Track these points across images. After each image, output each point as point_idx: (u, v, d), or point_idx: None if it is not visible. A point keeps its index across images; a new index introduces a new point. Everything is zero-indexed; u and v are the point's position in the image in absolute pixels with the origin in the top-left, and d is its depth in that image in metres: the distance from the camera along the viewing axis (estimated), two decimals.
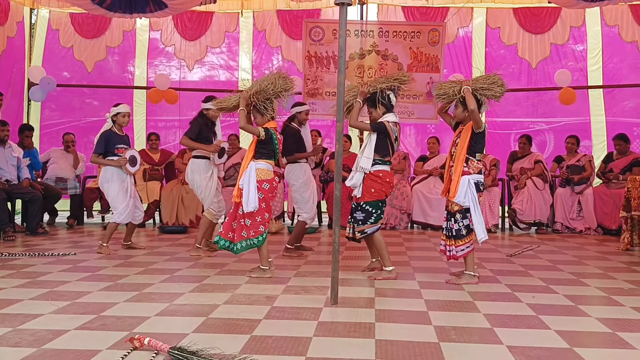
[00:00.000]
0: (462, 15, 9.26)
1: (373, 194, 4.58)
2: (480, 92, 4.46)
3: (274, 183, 4.68)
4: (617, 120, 8.89)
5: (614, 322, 3.39)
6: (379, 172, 4.58)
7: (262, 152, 4.66)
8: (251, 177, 4.55)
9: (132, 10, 7.62)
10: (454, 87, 4.54)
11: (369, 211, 4.59)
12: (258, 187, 4.54)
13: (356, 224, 4.64)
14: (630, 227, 6.16)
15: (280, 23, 9.56)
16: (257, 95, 4.62)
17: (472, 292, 4.14)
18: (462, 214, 4.46)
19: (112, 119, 5.86)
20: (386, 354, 2.80)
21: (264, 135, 4.60)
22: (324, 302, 3.79)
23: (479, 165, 4.48)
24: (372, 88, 4.63)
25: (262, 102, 4.63)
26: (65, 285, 4.28)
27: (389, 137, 4.56)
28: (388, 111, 4.63)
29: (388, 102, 4.64)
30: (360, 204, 4.61)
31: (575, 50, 9.17)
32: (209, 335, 3.07)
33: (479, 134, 4.45)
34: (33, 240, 6.69)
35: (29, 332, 3.11)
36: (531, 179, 7.84)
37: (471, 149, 4.46)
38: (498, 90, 4.50)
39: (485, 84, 4.49)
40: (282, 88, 4.66)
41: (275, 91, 4.63)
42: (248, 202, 4.49)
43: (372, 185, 4.57)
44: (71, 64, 9.72)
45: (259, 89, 4.62)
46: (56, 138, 9.23)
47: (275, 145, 4.70)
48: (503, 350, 2.88)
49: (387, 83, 4.67)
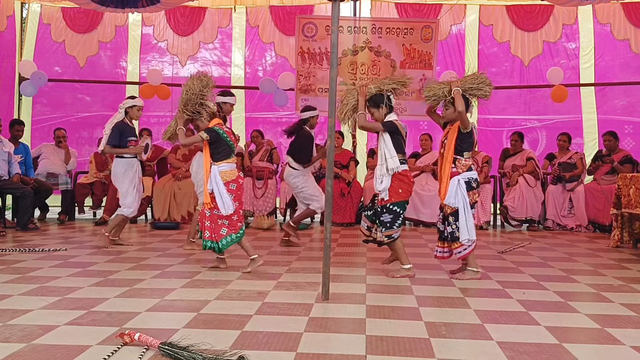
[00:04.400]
0: (455, 12, 9.26)
1: (400, 194, 4.52)
2: (470, 92, 4.51)
3: (240, 181, 4.76)
4: (608, 118, 8.93)
5: (603, 318, 3.41)
6: (406, 172, 4.55)
7: (218, 153, 4.69)
8: (217, 181, 4.61)
9: (124, 5, 7.58)
10: (444, 88, 4.57)
11: (397, 212, 4.52)
12: (226, 189, 4.61)
13: (384, 228, 4.52)
14: (621, 225, 6.20)
15: (273, 19, 9.54)
16: (186, 107, 4.75)
17: (463, 289, 4.16)
18: (454, 216, 4.48)
19: (125, 110, 5.84)
20: (377, 350, 2.80)
21: (208, 137, 4.65)
22: (315, 298, 3.79)
23: (467, 163, 4.51)
24: (376, 89, 4.60)
25: (195, 110, 4.75)
26: (56, 281, 4.26)
27: (401, 135, 4.56)
28: (390, 112, 4.63)
29: (390, 103, 4.64)
30: (387, 205, 4.51)
31: (568, 48, 9.20)
32: (200, 331, 3.07)
33: (465, 134, 4.50)
34: (24, 236, 6.66)
35: (18, 328, 3.10)
36: (523, 176, 7.87)
37: (458, 149, 4.51)
38: (487, 89, 4.56)
39: (474, 83, 4.54)
40: (202, 87, 4.76)
41: (198, 94, 4.74)
42: (225, 207, 4.58)
43: (400, 185, 4.51)
44: (63, 58, 9.65)
45: (186, 101, 4.75)
46: (47, 133, 9.18)
47: (227, 141, 4.72)
48: (493, 345, 2.90)
49: (392, 85, 4.66)
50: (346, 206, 7.94)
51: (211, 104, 4.88)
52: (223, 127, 4.76)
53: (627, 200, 6.09)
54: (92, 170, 8.36)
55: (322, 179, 7.86)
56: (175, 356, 2.65)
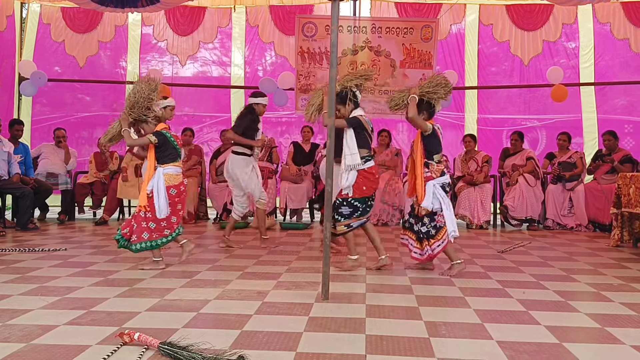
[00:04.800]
0: (455, 11, 9.26)
1: (364, 191, 4.64)
2: (428, 96, 4.64)
3: (181, 188, 4.78)
4: (608, 118, 8.93)
5: (603, 318, 3.41)
6: (371, 169, 4.66)
7: (165, 156, 4.71)
8: (160, 183, 4.63)
9: (123, 5, 7.58)
10: (404, 96, 4.72)
11: (357, 206, 4.65)
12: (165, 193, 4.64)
13: (342, 218, 4.64)
14: (621, 224, 6.20)
15: (273, 19, 9.54)
16: (133, 110, 4.76)
17: (463, 288, 4.15)
18: (429, 217, 4.59)
19: None
20: (376, 349, 2.80)
21: (156, 140, 4.68)
22: (314, 298, 3.79)
23: (440, 167, 4.64)
24: (340, 87, 4.70)
25: (142, 113, 4.77)
26: (56, 281, 4.26)
27: (366, 130, 4.65)
28: (356, 107, 4.75)
29: (355, 99, 4.76)
30: (349, 199, 4.63)
31: (567, 48, 9.20)
32: (200, 331, 3.06)
33: (429, 136, 4.61)
34: (23, 236, 6.66)
35: (18, 328, 3.09)
36: (523, 176, 7.87)
37: (427, 152, 4.63)
38: (442, 91, 4.68)
39: (430, 87, 4.66)
40: (150, 91, 4.78)
41: (146, 98, 4.75)
42: (160, 210, 4.60)
43: (364, 182, 4.63)
44: (62, 58, 9.65)
45: (132, 104, 4.77)
46: (47, 133, 9.18)
47: (174, 145, 4.76)
48: (493, 345, 2.89)
49: (356, 81, 4.79)
50: None
51: (157, 108, 4.90)
52: (170, 131, 4.82)
53: (627, 199, 6.08)
54: (92, 170, 8.36)
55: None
56: (175, 356, 2.65)
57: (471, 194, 7.89)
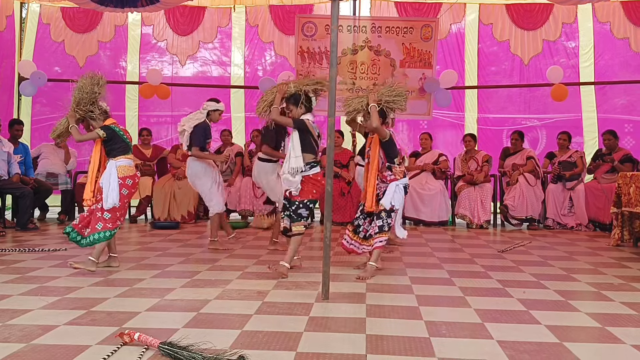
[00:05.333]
0: (455, 11, 9.25)
1: (315, 194, 4.70)
2: (386, 105, 4.76)
3: (136, 179, 4.83)
4: (608, 117, 8.92)
5: (604, 317, 3.41)
6: (317, 176, 4.68)
7: (115, 149, 4.75)
8: (112, 175, 4.66)
9: (123, 5, 7.57)
10: (362, 102, 4.81)
11: (311, 208, 4.74)
12: (122, 184, 4.67)
13: (301, 219, 4.66)
14: (621, 223, 6.20)
15: (272, 18, 9.53)
16: (79, 106, 4.80)
17: (463, 288, 4.15)
18: (387, 213, 4.67)
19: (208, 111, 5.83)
20: (377, 349, 2.80)
21: (104, 134, 4.72)
22: (315, 297, 3.79)
23: (401, 169, 4.77)
24: (295, 88, 4.79)
25: (88, 109, 4.81)
26: (56, 281, 4.26)
27: (311, 134, 4.68)
28: (307, 112, 4.79)
29: (309, 103, 4.80)
30: (304, 201, 4.64)
31: (567, 47, 9.19)
32: (200, 330, 3.06)
33: (387, 142, 4.72)
34: (23, 236, 6.65)
35: (18, 328, 3.09)
36: (523, 175, 7.87)
37: (388, 157, 4.74)
38: (402, 102, 4.82)
39: (390, 96, 4.76)
40: (93, 86, 4.83)
41: (89, 93, 4.81)
42: (107, 199, 4.60)
43: (314, 187, 4.68)
44: (62, 58, 9.64)
45: (78, 101, 4.81)
46: (47, 133, 9.13)
47: (123, 138, 4.80)
48: (493, 344, 2.89)
49: (312, 86, 4.87)
50: (346, 205, 7.92)
51: (104, 104, 4.93)
52: (118, 125, 4.86)
53: (627, 198, 6.08)
54: None
55: None
56: (175, 356, 2.65)
57: (471, 193, 7.89)
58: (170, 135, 9.74)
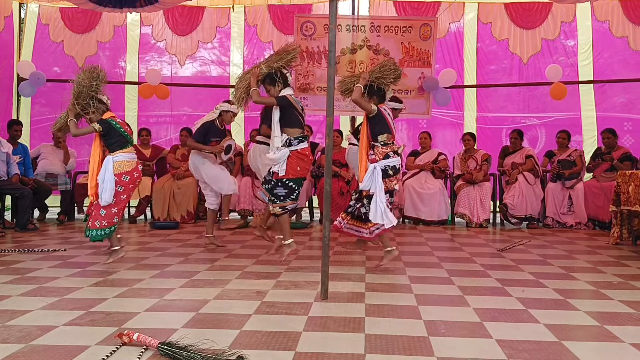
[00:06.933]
0: (454, 10, 9.25)
1: (298, 172, 4.70)
2: (378, 82, 4.77)
3: (134, 174, 4.83)
4: (607, 115, 8.92)
5: (603, 316, 3.41)
6: (305, 150, 4.70)
7: (112, 144, 4.77)
8: (107, 171, 4.68)
9: (122, 5, 7.57)
10: (354, 81, 4.86)
11: (292, 187, 4.71)
12: (117, 180, 4.68)
13: (277, 200, 4.67)
14: (620, 222, 6.20)
15: (271, 18, 9.53)
16: (78, 100, 4.85)
17: (462, 287, 4.15)
18: (368, 199, 4.64)
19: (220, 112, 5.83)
20: (376, 349, 2.80)
21: (100, 128, 4.74)
22: (314, 297, 3.79)
23: (384, 150, 4.67)
24: (267, 68, 4.82)
25: (86, 103, 4.85)
26: (55, 281, 4.26)
27: (295, 108, 4.71)
28: (285, 87, 4.82)
29: (285, 79, 4.84)
30: (283, 180, 4.65)
31: (566, 46, 9.19)
32: (199, 330, 3.06)
33: (374, 118, 4.70)
34: (23, 237, 6.65)
35: (17, 328, 3.09)
36: (522, 174, 7.87)
37: (372, 134, 4.71)
38: (391, 76, 4.81)
39: (380, 73, 4.78)
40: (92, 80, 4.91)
41: (88, 87, 4.85)
42: (103, 197, 4.64)
43: (298, 163, 4.67)
44: (61, 59, 9.63)
45: (77, 95, 4.86)
46: (46, 133, 9.16)
47: (121, 132, 4.81)
48: (492, 344, 2.89)
49: (280, 61, 4.88)
50: (345, 205, 7.89)
51: (105, 98, 4.95)
52: (116, 119, 4.85)
53: (626, 197, 6.08)
54: None
55: (321, 178, 7.87)
56: (174, 356, 2.65)
57: (471, 192, 7.89)
58: (169, 135, 9.74)
